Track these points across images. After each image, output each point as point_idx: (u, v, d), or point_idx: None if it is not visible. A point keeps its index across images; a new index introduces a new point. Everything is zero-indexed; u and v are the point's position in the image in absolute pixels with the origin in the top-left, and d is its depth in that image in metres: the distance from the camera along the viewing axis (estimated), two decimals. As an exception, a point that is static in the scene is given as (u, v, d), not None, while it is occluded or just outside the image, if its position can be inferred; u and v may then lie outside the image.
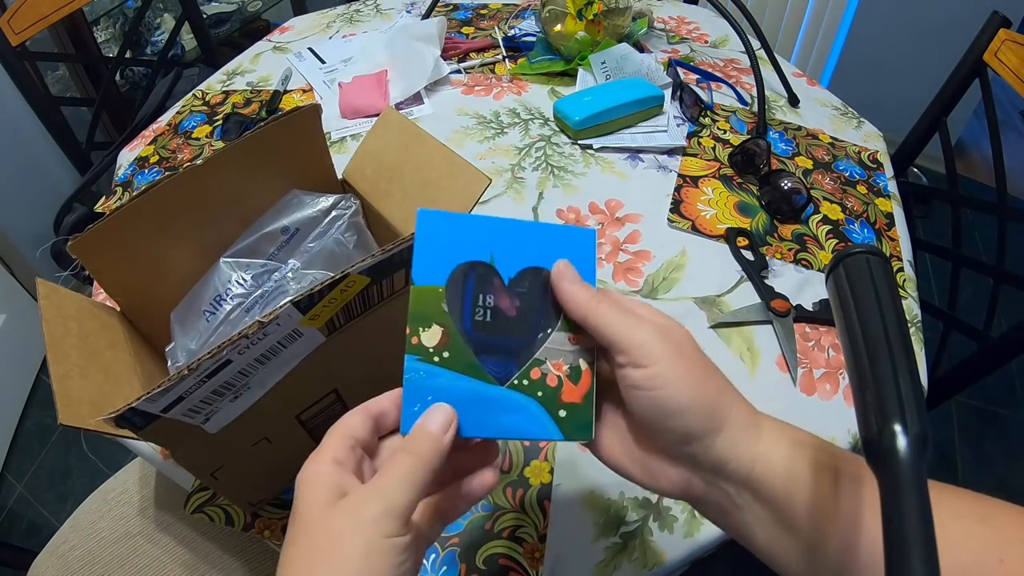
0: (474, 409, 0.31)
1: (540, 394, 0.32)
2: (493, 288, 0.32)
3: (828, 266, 0.31)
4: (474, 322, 0.32)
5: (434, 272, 0.32)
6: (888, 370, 0.27)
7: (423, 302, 0.31)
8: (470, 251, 0.32)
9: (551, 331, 0.33)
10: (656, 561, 0.48)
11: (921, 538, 0.23)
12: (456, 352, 0.31)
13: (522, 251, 0.33)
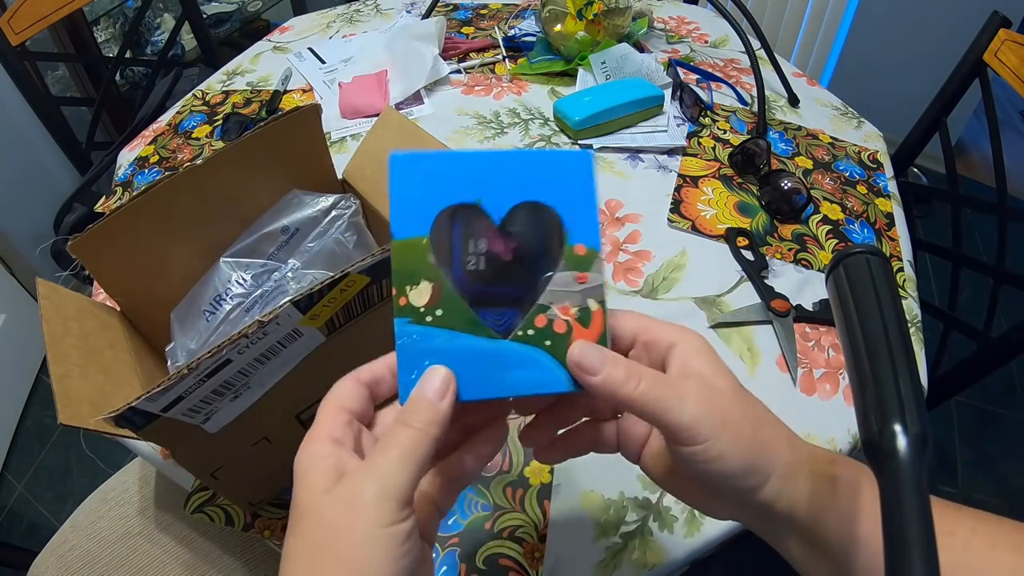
0: (477, 368, 0.28)
1: (548, 343, 0.29)
2: (484, 231, 0.29)
3: (828, 266, 0.31)
4: (466, 272, 0.29)
5: (415, 222, 0.28)
6: (888, 370, 0.27)
7: (407, 257, 0.28)
8: (453, 193, 0.29)
9: (554, 271, 0.29)
10: (656, 561, 0.48)
11: (921, 538, 0.23)
12: (450, 308, 0.28)
13: (512, 186, 0.29)
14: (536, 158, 0.30)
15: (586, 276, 0.30)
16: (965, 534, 0.30)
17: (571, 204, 0.30)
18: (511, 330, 0.29)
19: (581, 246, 0.30)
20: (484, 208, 0.29)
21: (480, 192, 0.29)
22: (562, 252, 0.30)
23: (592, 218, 0.30)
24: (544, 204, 0.30)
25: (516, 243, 0.29)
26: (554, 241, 0.30)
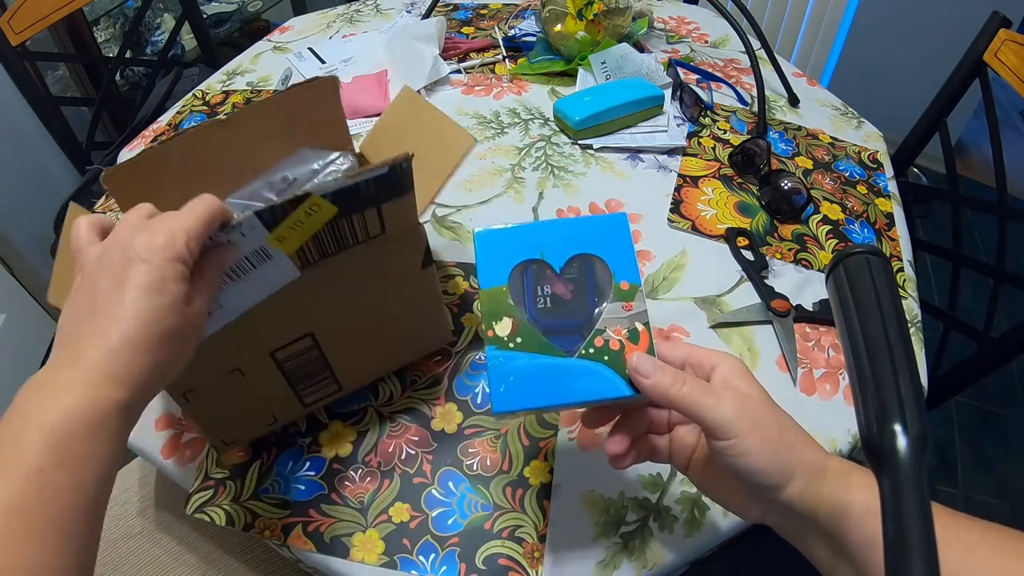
0: (552, 380, 0.37)
1: (606, 358, 0.37)
2: (548, 279, 0.39)
3: (828, 266, 0.31)
4: (537, 309, 0.38)
5: (496, 276, 0.39)
6: (888, 370, 0.27)
7: (492, 301, 0.38)
8: (522, 252, 0.39)
9: (606, 304, 0.38)
10: (656, 561, 0.48)
11: (921, 538, 0.23)
12: (527, 336, 0.38)
13: (566, 243, 0.39)
14: (584, 222, 0.40)
15: (631, 305, 0.38)
16: (971, 540, 0.30)
17: (614, 252, 0.39)
18: (576, 350, 0.37)
19: (625, 283, 0.39)
20: (547, 261, 0.39)
21: (543, 249, 0.39)
22: (611, 288, 0.39)
23: (631, 261, 0.39)
24: (593, 254, 0.39)
25: (573, 285, 0.39)
26: (604, 280, 0.39)
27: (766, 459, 0.33)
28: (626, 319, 0.38)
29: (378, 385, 0.57)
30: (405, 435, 0.54)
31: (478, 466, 0.52)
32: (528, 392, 0.37)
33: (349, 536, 0.49)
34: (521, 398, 0.36)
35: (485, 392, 0.56)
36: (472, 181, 0.76)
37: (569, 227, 0.40)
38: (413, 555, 0.48)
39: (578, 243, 0.39)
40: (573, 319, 0.38)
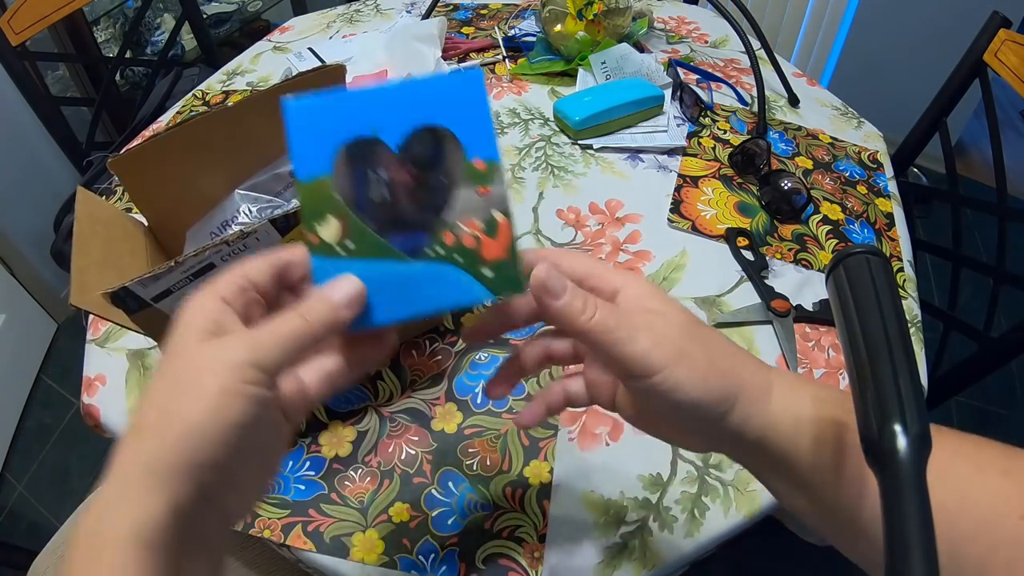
0: (392, 291, 0.30)
1: (458, 258, 0.31)
2: (383, 161, 0.30)
3: (828, 266, 0.31)
4: (371, 202, 0.30)
5: (317, 163, 0.30)
6: (888, 370, 0.27)
7: (313, 197, 0.30)
8: (349, 129, 0.30)
9: (457, 189, 0.31)
10: (656, 561, 0.48)
11: (921, 538, 0.23)
12: (360, 238, 0.30)
13: (406, 114, 0.31)
14: (426, 84, 0.31)
15: (488, 189, 0.31)
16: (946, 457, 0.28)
17: (465, 122, 0.31)
18: (420, 249, 0.30)
19: (479, 160, 0.31)
20: (382, 139, 0.30)
21: (376, 124, 0.30)
22: (462, 169, 0.31)
23: (487, 132, 0.31)
24: (439, 126, 0.31)
25: (416, 167, 0.31)
26: (453, 160, 0.31)
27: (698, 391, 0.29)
28: (482, 207, 0.31)
29: (378, 384, 0.57)
30: (405, 435, 0.54)
31: (478, 466, 0.52)
32: (369, 308, 0.30)
33: (349, 536, 0.49)
34: (361, 316, 0.30)
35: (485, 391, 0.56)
36: (472, 181, 0.76)
37: (408, 92, 0.31)
38: (413, 555, 0.48)
39: (421, 112, 0.31)
40: (417, 210, 0.31)
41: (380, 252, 0.30)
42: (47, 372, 1.57)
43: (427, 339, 0.60)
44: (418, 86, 0.31)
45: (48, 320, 1.62)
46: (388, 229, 0.30)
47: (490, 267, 0.31)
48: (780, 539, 0.50)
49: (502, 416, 0.55)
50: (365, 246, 0.30)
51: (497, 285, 0.31)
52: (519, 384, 0.34)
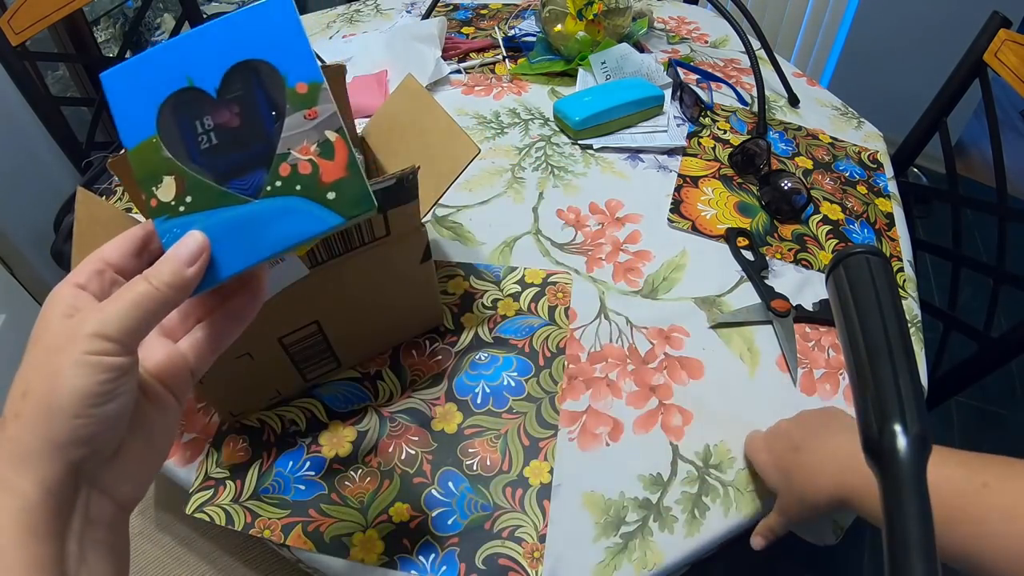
0: (239, 238, 0.29)
1: (299, 187, 0.30)
2: (205, 107, 0.30)
3: (828, 266, 0.31)
4: (202, 152, 0.30)
5: (140, 126, 0.30)
6: (888, 370, 0.27)
7: (144, 161, 0.30)
8: (166, 84, 0.30)
9: (283, 118, 0.30)
10: (656, 562, 0.48)
11: (921, 537, 0.23)
12: (198, 191, 0.29)
13: (216, 55, 0.30)
14: (230, 21, 0.30)
15: (315, 111, 0.30)
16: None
17: (279, 49, 0.30)
18: (260, 188, 0.30)
19: (301, 84, 0.30)
20: (197, 86, 0.30)
21: (189, 73, 0.30)
22: (285, 96, 0.30)
23: (304, 54, 0.30)
24: (251, 60, 0.30)
25: (238, 106, 0.30)
26: (274, 89, 0.30)
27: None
28: (312, 130, 0.30)
29: (378, 384, 0.57)
30: (405, 435, 0.54)
31: (478, 466, 0.52)
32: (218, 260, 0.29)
33: (349, 536, 0.49)
34: (211, 270, 0.29)
35: (486, 392, 0.56)
36: (472, 181, 0.76)
37: (215, 33, 0.30)
38: (413, 555, 0.48)
39: (232, 49, 0.30)
40: (249, 149, 0.30)
41: (220, 200, 0.29)
42: (47, 372, 1.57)
43: (427, 339, 0.60)
44: (223, 24, 0.30)
45: (48, 320, 1.62)
46: (225, 175, 0.30)
47: (332, 189, 0.30)
48: (780, 540, 0.50)
49: (502, 416, 0.55)
50: (204, 198, 0.29)
51: (343, 206, 0.30)
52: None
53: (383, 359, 0.59)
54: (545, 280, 0.65)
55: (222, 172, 0.30)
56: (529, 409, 0.55)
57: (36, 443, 0.25)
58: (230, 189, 0.30)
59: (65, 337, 0.26)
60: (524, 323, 0.62)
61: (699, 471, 0.52)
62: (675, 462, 0.53)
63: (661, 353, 0.60)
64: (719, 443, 0.54)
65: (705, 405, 0.56)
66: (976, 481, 0.36)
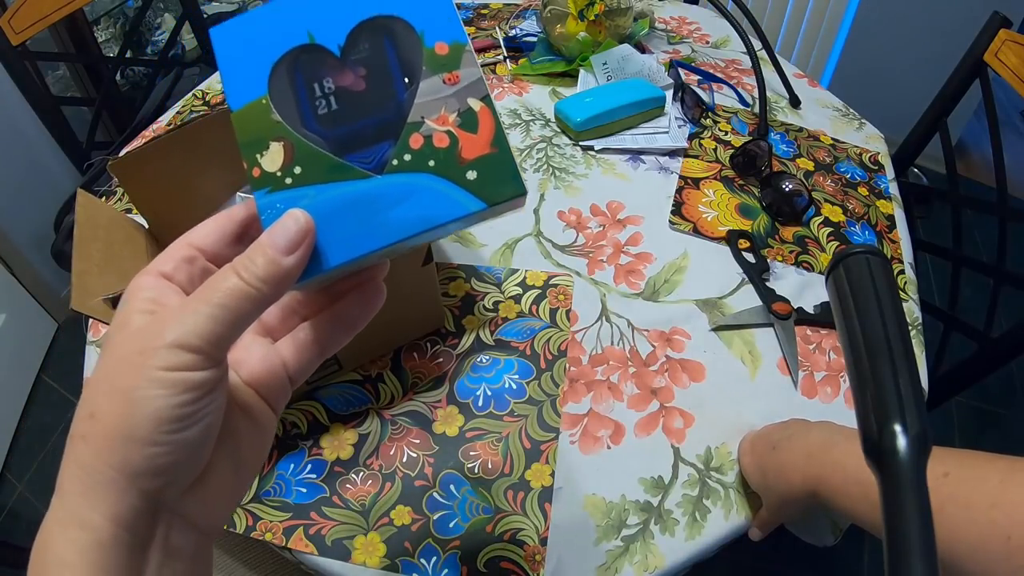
0: (353, 220, 0.25)
1: (432, 163, 0.25)
2: (326, 68, 0.26)
3: (828, 266, 0.31)
4: (319, 117, 0.25)
5: (251, 85, 0.26)
6: (888, 370, 0.27)
7: (249, 124, 0.25)
8: (282, 40, 0.26)
9: (418, 82, 0.26)
10: (657, 564, 0.48)
11: (921, 538, 0.23)
12: (309, 162, 0.25)
13: (344, 9, 0.26)
14: None
15: (456, 75, 0.26)
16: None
17: (415, 4, 0.26)
18: (386, 163, 0.25)
19: (441, 44, 0.26)
20: (319, 43, 0.26)
21: (311, 28, 0.26)
22: (421, 57, 0.26)
23: (446, 9, 0.26)
24: (384, 15, 0.26)
25: (365, 68, 0.26)
26: (408, 49, 0.26)
27: None
28: (452, 97, 0.25)
29: (379, 387, 0.57)
30: (407, 438, 0.54)
31: (479, 469, 0.52)
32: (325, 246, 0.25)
33: (351, 539, 0.49)
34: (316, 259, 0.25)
35: (487, 394, 0.56)
36: (473, 182, 0.76)
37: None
38: (415, 558, 0.48)
39: (360, 4, 0.26)
40: (374, 117, 0.25)
41: (335, 174, 0.25)
42: (47, 372, 1.57)
43: (428, 341, 0.60)
44: None
45: (48, 320, 1.62)
46: (344, 146, 0.25)
47: (474, 167, 0.25)
48: (780, 540, 0.50)
49: (503, 419, 0.55)
50: (316, 170, 0.25)
51: (486, 188, 0.25)
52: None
53: (384, 361, 0.59)
54: (546, 282, 0.65)
55: (340, 142, 0.25)
56: (530, 412, 0.55)
57: (107, 473, 0.21)
58: (349, 162, 0.25)
59: (139, 345, 0.22)
60: (525, 325, 0.62)
61: (700, 474, 0.52)
62: (676, 465, 0.53)
63: (662, 356, 0.60)
64: (720, 446, 0.54)
65: (706, 408, 0.56)
66: (937, 471, 0.36)
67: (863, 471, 0.27)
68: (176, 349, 0.21)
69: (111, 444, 0.21)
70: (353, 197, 0.25)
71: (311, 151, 0.25)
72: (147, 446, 0.21)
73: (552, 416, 0.55)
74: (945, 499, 0.35)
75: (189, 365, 0.22)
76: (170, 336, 0.22)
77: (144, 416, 0.21)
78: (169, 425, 0.21)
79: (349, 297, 0.27)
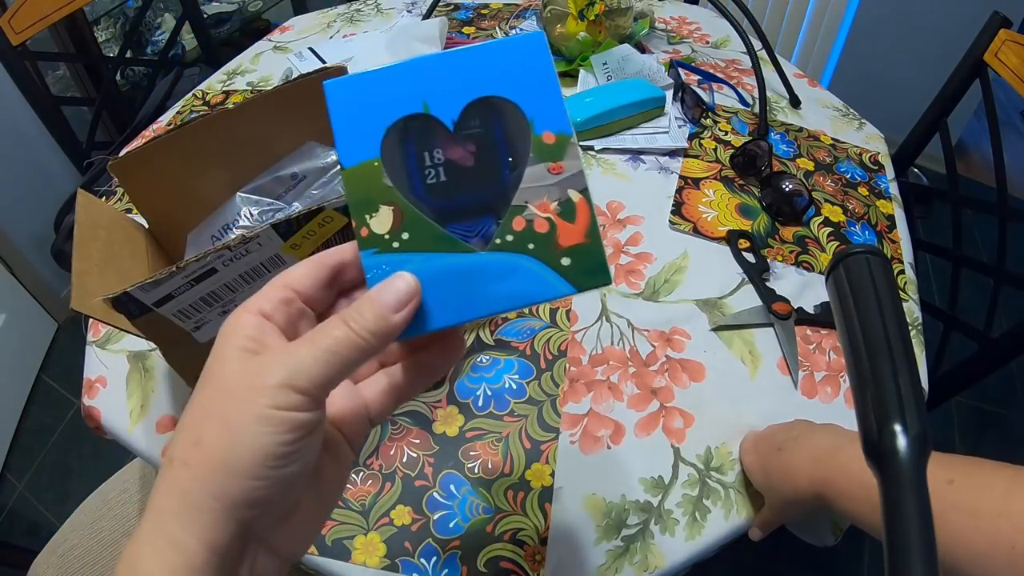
0: (454, 288, 0.27)
1: (531, 246, 0.27)
2: (438, 139, 0.27)
3: (828, 266, 0.31)
4: (427, 187, 0.27)
5: (363, 145, 0.27)
6: (888, 370, 0.27)
7: (361, 184, 0.27)
8: (398, 106, 0.27)
9: (523, 167, 0.27)
10: (657, 564, 0.48)
11: (921, 538, 0.23)
12: (416, 228, 0.27)
13: (460, 85, 0.27)
14: (481, 51, 0.28)
15: (560, 166, 0.27)
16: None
17: (529, 91, 0.28)
18: (489, 239, 0.27)
19: (548, 133, 0.28)
20: (434, 115, 0.27)
21: (426, 98, 0.27)
22: (529, 144, 0.27)
23: (556, 101, 0.28)
24: (499, 97, 0.27)
25: (475, 145, 0.27)
26: (517, 134, 0.27)
27: None
28: (554, 186, 0.27)
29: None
30: (407, 438, 0.54)
31: (480, 469, 0.52)
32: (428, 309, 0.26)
33: (351, 539, 0.49)
34: (419, 319, 0.26)
35: (487, 395, 0.56)
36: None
37: (462, 60, 0.28)
38: (415, 558, 0.48)
39: (477, 82, 0.28)
40: (479, 194, 0.27)
41: (440, 244, 0.27)
42: (47, 372, 1.57)
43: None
44: (472, 53, 0.28)
45: (48, 320, 1.62)
46: (448, 216, 0.27)
47: (568, 254, 0.27)
48: (780, 540, 0.50)
49: (503, 419, 0.55)
50: (422, 237, 0.27)
51: (577, 275, 0.27)
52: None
53: (384, 361, 0.59)
54: (546, 282, 0.65)
55: (445, 212, 0.27)
56: (530, 412, 0.55)
57: (206, 500, 0.22)
58: (452, 232, 0.27)
59: (247, 382, 0.23)
60: (525, 325, 0.62)
61: (700, 474, 0.52)
62: (676, 465, 0.53)
63: (662, 355, 0.60)
64: (720, 446, 0.54)
65: (706, 408, 0.56)
66: (942, 478, 0.37)
67: (868, 474, 0.27)
68: (286, 389, 0.23)
69: (213, 473, 0.22)
70: (457, 268, 0.27)
71: (419, 219, 0.27)
72: (248, 479, 0.22)
73: (552, 416, 0.55)
74: (949, 506, 0.35)
75: (296, 406, 0.23)
76: (280, 376, 0.23)
77: (249, 450, 0.22)
78: (272, 461, 0.23)
79: (432, 349, 0.29)
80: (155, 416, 0.57)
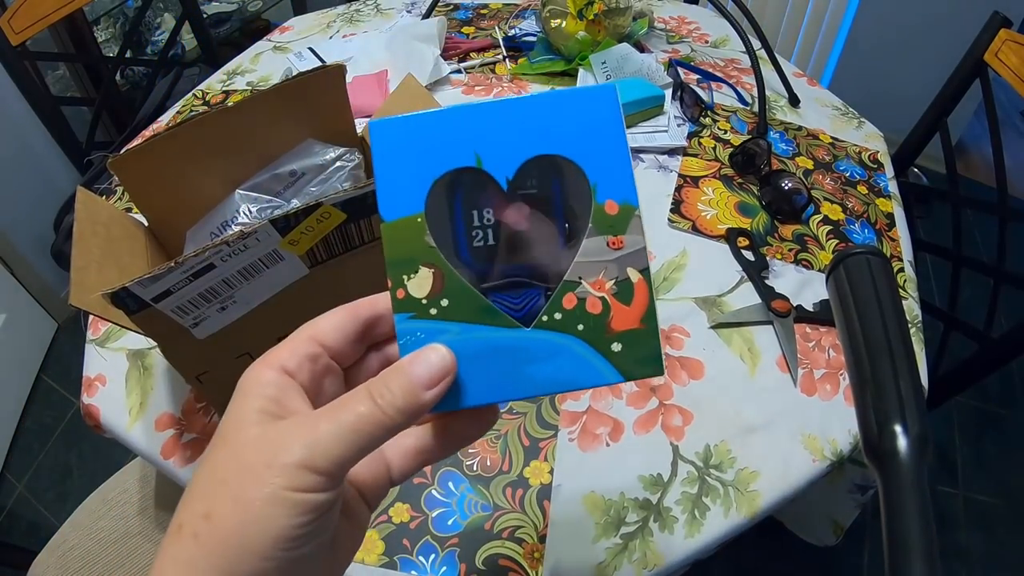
0: (494, 366, 0.24)
1: (581, 327, 0.24)
2: (489, 198, 0.24)
3: (828, 266, 0.31)
4: (473, 250, 0.24)
5: (407, 198, 0.24)
6: (888, 370, 0.27)
7: (400, 241, 0.24)
8: (448, 157, 0.24)
9: (581, 238, 0.24)
10: (656, 562, 0.48)
11: (921, 538, 0.23)
12: (457, 296, 0.24)
13: (518, 139, 0.25)
14: (545, 101, 0.25)
15: (621, 240, 0.25)
16: None
17: (594, 152, 0.25)
18: (535, 315, 0.24)
19: (612, 203, 0.25)
20: (487, 170, 0.24)
21: (480, 151, 0.24)
22: (589, 213, 0.25)
23: (624, 166, 0.25)
24: (560, 156, 0.25)
25: (529, 208, 0.24)
26: (577, 200, 0.25)
27: None
28: (613, 263, 0.24)
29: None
30: (405, 435, 0.54)
31: (478, 466, 0.52)
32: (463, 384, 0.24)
33: (349, 536, 0.49)
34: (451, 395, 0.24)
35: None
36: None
37: (523, 109, 0.25)
38: (413, 555, 0.48)
39: (538, 137, 0.25)
40: (529, 264, 0.24)
41: (481, 315, 0.24)
42: (47, 372, 1.57)
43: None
44: (534, 102, 0.25)
45: (48, 320, 1.62)
46: (493, 283, 0.24)
47: (620, 340, 0.24)
48: (780, 539, 0.50)
49: (502, 416, 0.55)
50: (463, 306, 0.24)
51: (627, 363, 0.24)
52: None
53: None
54: (545, 280, 0.65)
55: (489, 280, 0.24)
56: (529, 409, 0.55)
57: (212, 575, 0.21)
58: (496, 303, 0.24)
59: (263, 458, 0.22)
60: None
61: (699, 471, 0.52)
62: (675, 462, 0.53)
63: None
64: (719, 443, 0.54)
65: (705, 405, 0.56)
66: None
67: None
68: (304, 470, 0.21)
69: (223, 549, 0.21)
70: (497, 344, 0.24)
71: (462, 287, 0.24)
72: (260, 560, 0.21)
73: (551, 413, 0.55)
74: None
75: (314, 487, 0.21)
76: (299, 455, 0.21)
77: (262, 532, 0.21)
78: (286, 543, 0.21)
79: (464, 417, 0.26)
80: (154, 414, 0.57)
